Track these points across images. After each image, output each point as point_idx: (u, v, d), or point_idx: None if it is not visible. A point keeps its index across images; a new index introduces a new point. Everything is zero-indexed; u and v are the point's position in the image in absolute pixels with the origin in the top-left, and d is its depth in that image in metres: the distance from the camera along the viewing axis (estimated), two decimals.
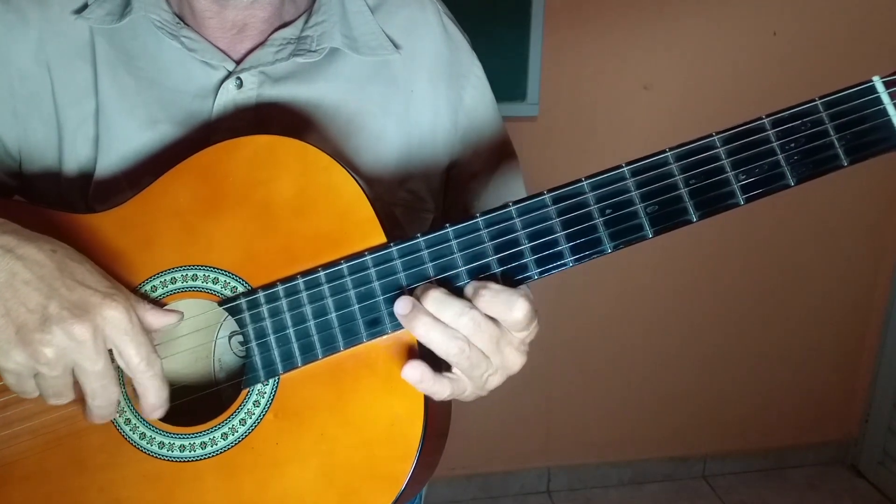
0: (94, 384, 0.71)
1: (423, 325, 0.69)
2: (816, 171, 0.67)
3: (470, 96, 0.99)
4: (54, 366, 0.70)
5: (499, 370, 0.72)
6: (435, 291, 0.69)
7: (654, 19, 2.33)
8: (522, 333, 0.71)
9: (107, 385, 0.72)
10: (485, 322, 0.68)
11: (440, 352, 0.69)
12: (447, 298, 0.69)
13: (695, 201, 0.68)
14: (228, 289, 0.77)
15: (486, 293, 0.68)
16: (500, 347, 0.70)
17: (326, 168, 0.76)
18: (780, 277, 2.68)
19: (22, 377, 0.72)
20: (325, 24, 0.91)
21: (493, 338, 0.69)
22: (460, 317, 0.68)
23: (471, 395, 0.74)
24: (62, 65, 0.89)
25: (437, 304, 0.68)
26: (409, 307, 0.69)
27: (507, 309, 0.68)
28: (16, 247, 0.71)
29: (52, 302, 0.69)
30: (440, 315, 0.68)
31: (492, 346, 0.70)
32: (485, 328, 0.68)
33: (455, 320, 0.68)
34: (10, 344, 0.69)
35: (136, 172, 0.88)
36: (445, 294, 0.69)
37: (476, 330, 0.68)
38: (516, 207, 0.70)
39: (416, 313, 0.69)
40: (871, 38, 2.44)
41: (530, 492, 2.80)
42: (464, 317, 0.68)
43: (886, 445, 2.81)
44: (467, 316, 0.68)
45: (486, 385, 0.73)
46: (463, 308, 0.68)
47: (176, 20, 0.89)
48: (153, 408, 0.74)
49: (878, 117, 0.66)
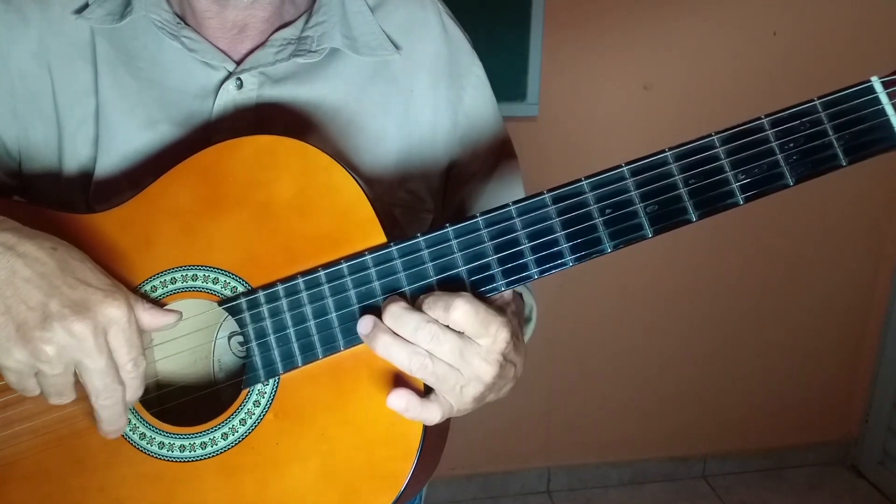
0: (96, 382, 0.71)
1: (382, 343, 0.69)
2: (815, 171, 0.67)
3: (470, 96, 0.98)
4: (55, 364, 0.70)
5: (471, 381, 0.70)
6: (393, 307, 0.69)
7: (654, 19, 2.33)
8: (484, 340, 0.69)
9: (109, 383, 0.72)
10: (444, 334, 0.67)
11: (404, 368, 0.69)
12: (404, 313, 0.68)
13: (694, 201, 0.68)
14: (228, 289, 0.77)
15: (427, 299, 0.68)
16: (466, 358, 0.68)
17: (327, 168, 0.76)
18: (779, 277, 2.68)
19: (23, 375, 0.72)
20: (326, 25, 0.91)
21: (456, 349, 0.68)
22: (417, 331, 0.67)
23: (461, 411, 0.73)
24: (63, 65, 0.89)
25: (394, 320, 0.68)
26: (370, 326, 0.70)
27: (446, 311, 0.67)
28: (16, 244, 0.71)
29: (52, 300, 0.69)
30: (399, 330, 0.68)
31: (455, 356, 0.68)
32: (444, 340, 0.67)
33: (413, 335, 0.68)
34: (11, 342, 0.69)
35: (136, 172, 0.88)
36: (403, 308, 0.68)
37: (434, 342, 0.67)
38: (516, 207, 0.70)
39: (376, 331, 0.69)
40: (871, 38, 2.44)
41: (530, 492, 2.80)
42: (420, 331, 0.67)
43: (886, 445, 2.81)
44: (424, 329, 0.67)
45: (464, 397, 0.71)
46: (419, 322, 0.67)
47: (176, 20, 0.89)
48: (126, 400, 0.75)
49: (876, 117, 0.66)
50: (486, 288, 0.71)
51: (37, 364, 0.70)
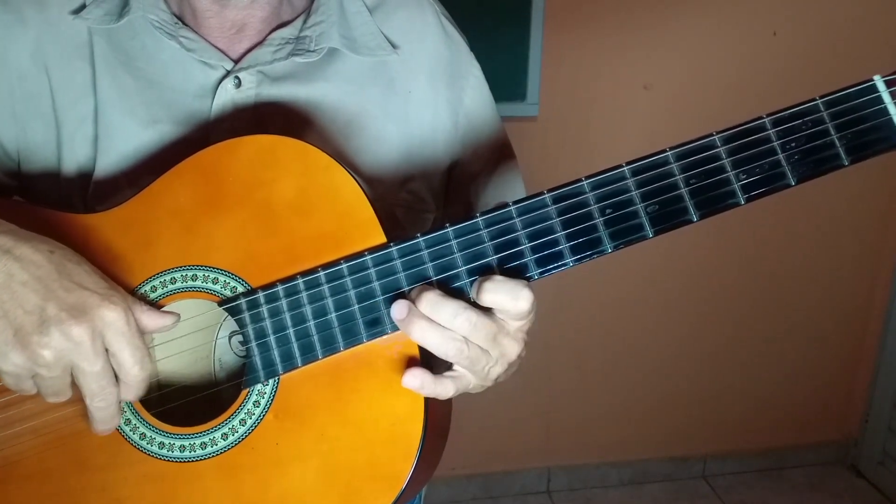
0: (92, 385, 0.71)
1: (419, 328, 0.69)
2: (817, 171, 0.67)
3: (470, 97, 0.99)
4: (53, 367, 0.70)
5: (498, 361, 0.72)
6: (430, 294, 0.69)
7: (654, 19, 2.33)
8: (520, 323, 0.71)
9: (105, 386, 0.72)
10: (480, 320, 0.69)
11: (439, 353, 0.69)
12: (442, 300, 0.69)
13: (695, 201, 0.68)
14: (228, 289, 0.77)
15: (490, 285, 0.68)
16: (497, 341, 0.70)
17: (327, 168, 0.76)
18: (779, 277, 2.68)
19: (21, 378, 0.72)
20: (324, 25, 0.91)
21: (491, 334, 0.69)
22: (455, 318, 0.68)
23: (476, 388, 0.74)
24: (60, 65, 0.89)
25: (431, 307, 0.69)
26: (404, 311, 0.70)
27: (512, 299, 0.68)
28: (13, 247, 0.71)
29: (49, 303, 0.69)
30: (435, 317, 0.68)
31: (489, 341, 0.70)
32: (481, 326, 0.69)
33: (450, 321, 0.68)
34: (9, 346, 0.69)
35: (135, 172, 0.88)
36: (440, 296, 0.69)
37: (472, 329, 0.68)
38: (516, 207, 0.70)
39: (412, 317, 0.69)
40: (872, 38, 2.44)
41: (530, 492, 2.80)
42: (459, 318, 0.68)
43: (886, 445, 2.81)
44: (462, 316, 0.68)
45: (488, 376, 0.73)
46: (458, 309, 0.68)
47: (174, 20, 0.89)
48: (123, 401, 0.75)
49: (878, 116, 0.66)
50: None
51: (34, 368, 0.70)
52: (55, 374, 0.71)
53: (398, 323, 0.70)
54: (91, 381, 0.71)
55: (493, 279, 0.68)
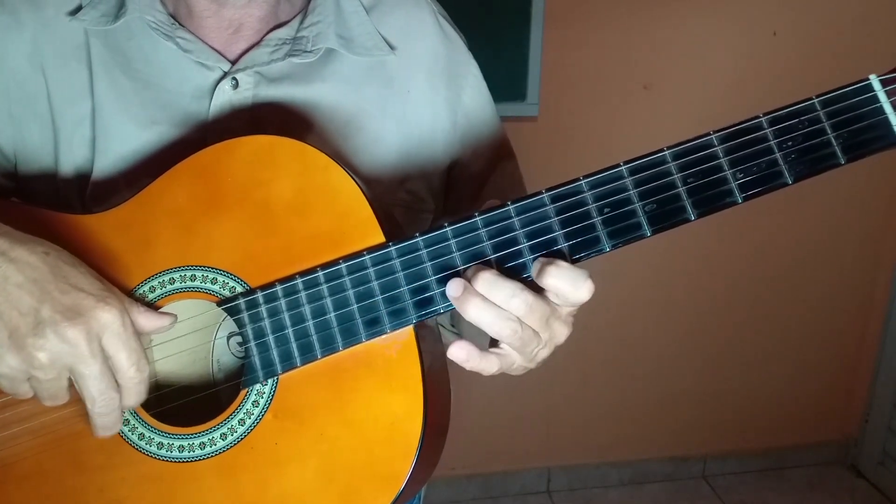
0: (91, 389, 0.71)
1: (474, 307, 0.68)
2: (814, 170, 0.67)
3: (468, 96, 0.98)
4: (48, 370, 0.70)
5: (547, 343, 0.72)
6: (486, 273, 0.68)
7: (654, 19, 2.33)
8: (572, 308, 0.71)
9: (104, 389, 0.71)
10: (536, 303, 0.68)
11: (492, 332, 0.69)
12: (498, 280, 0.68)
13: (693, 200, 0.68)
14: (227, 289, 0.77)
15: (555, 269, 0.67)
16: (549, 323, 0.70)
17: (325, 168, 0.76)
18: (779, 277, 2.68)
19: (16, 381, 0.72)
20: (321, 25, 0.91)
21: (544, 316, 0.69)
22: (512, 299, 0.67)
23: (519, 369, 0.74)
24: (57, 67, 0.89)
25: (488, 286, 0.68)
26: (460, 289, 0.69)
27: (574, 288, 0.67)
28: (8, 250, 0.71)
29: (44, 305, 0.69)
30: (492, 296, 0.68)
31: (542, 323, 0.69)
32: (536, 308, 0.68)
33: (506, 302, 0.67)
34: (4, 348, 0.69)
35: (133, 173, 0.88)
36: (496, 276, 0.68)
37: (528, 311, 0.68)
38: (515, 206, 0.70)
39: (468, 295, 0.68)
40: (871, 38, 2.44)
41: (530, 492, 2.80)
42: (515, 299, 0.67)
43: (886, 445, 2.80)
44: (519, 298, 0.67)
45: (535, 358, 0.73)
46: (515, 290, 0.67)
47: (171, 21, 0.89)
48: (126, 408, 0.75)
49: (874, 115, 0.66)
50: None
51: (30, 370, 0.70)
52: (51, 377, 0.70)
53: (453, 301, 0.70)
54: (90, 385, 0.71)
55: (559, 264, 0.67)
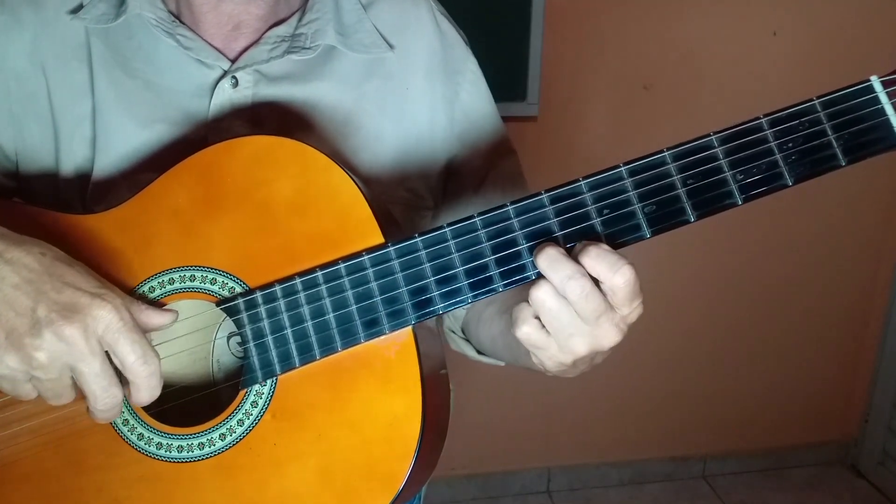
0: (93, 386, 0.70)
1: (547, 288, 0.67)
2: (814, 171, 0.67)
3: (466, 92, 0.98)
4: (49, 369, 0.69)
5: (591, 340, 0.68)
6: (551, 249, 0.67)
7: (654, 19, 2.33)
8: (626, 310, 0.67)
9: (107, 387, 0.71)
10: (594, 292, 0.66)
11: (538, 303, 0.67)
12: (561, 259, 0.66)
13: (693, 201, 0.68)
14: (226, 289, 0.77)
15: (593, 250, 0.66)
16: (600, 322, 0.67)
17: (325, 168, 0.76)
18: (779, 277, 2.68)
19: (17, 382, 0.71)
20: (319, 22, 0.91)
21: (598, 311, 0.67)
22: (570, 280, 0.66)
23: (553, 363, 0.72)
24: (58, 66, 0.89)
25: (549, 262, 0.66)
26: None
27: (611, 272, 0.65)
28: (4, 251, 0.71)
29: (40, 305, 0.69)
30: (550, 274, 0.66)
31: (593, 317, 0.67)
32: (592, 298, 0.66)
33: (563, 283, 0.66)
34: (2, 349, 0.69)
35: (133, 172, 0.88)
36: (561, 253, 0.67)
37: (583, 297, 0.66)
38: (514, 207, 0.70)
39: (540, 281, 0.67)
40: (871, 38, 2.43)
41: (530, 492, 2.80)
42: (573, 281, 0.65)
43: (886, 445, 2.80)
44: (578, 281, 0.65)
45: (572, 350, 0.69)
46: (574, 272, 0.66)
47: (171, 18, 0.89)
48: (140, 404, 0.74)
49: (875, 117, 0.65)
50: (484, 289, 0.71)
51: (30, 371, 0.70)
52: (52, 377, 0.70)
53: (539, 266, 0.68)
54: (91, 382, 0.70)
55: (599, 247, 0.66)
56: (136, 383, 0.72)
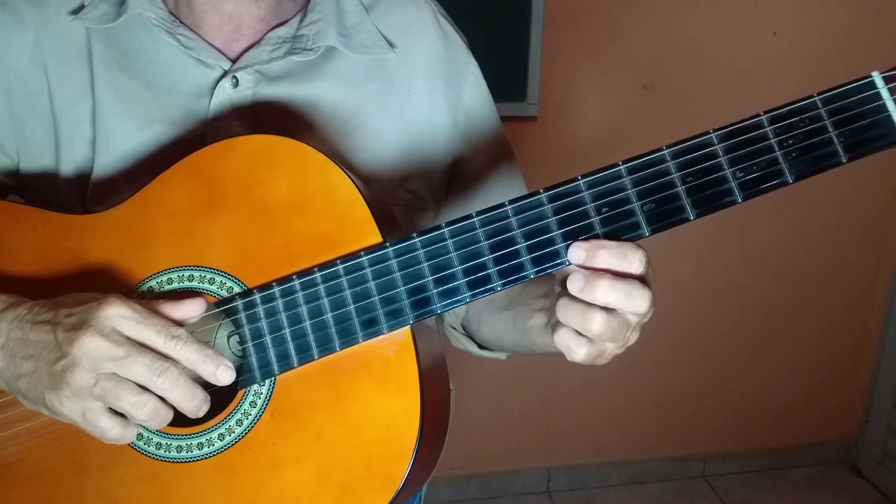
0: (140, 374, 0.69)
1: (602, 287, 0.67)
2: (815, 168, 0.66)
3: (468, 94, 0.98)
4: (97, 386, 0.69)
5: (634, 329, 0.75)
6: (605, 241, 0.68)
7: (654, 19, 2.33)
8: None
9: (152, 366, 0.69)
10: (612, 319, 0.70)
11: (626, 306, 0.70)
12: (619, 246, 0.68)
13: (692, 199, 0.67)
14: (225, 289, 0.77)
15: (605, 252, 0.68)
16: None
17: (323, 168, 0.76)
18: (779, 277, 2.68)
19: (88, 412, 0.71)
20: (321, 23, 0.91)
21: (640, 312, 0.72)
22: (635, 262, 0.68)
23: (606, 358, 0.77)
24: (58, 66, 0.89)
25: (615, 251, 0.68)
26: (581, 283, 0.68)
27: (625, 261, 0.67)
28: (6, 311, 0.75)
29: (58, 332, 0.70)
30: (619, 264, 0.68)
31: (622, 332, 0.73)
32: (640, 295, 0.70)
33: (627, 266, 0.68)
34: (54, 385, 0.70)
35: (133, 172, 0.88)
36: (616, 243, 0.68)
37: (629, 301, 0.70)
38: (512, 207, 0.70)
39: (594, 280, 0.67)
40: (872, 38, 2.43)
41: (530, 492, 2.80)
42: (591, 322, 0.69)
43: (886, 445, 2.80)
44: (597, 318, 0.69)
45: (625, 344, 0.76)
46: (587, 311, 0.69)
47: (171, 18, 0.89)
48: (217, 370, 0.72)
49: (877, 113, 0.65)
50: (482, 288, 0.71)
51: (93, 392, 0.70)
52: (112, 385, 0.69)
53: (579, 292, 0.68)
54: (137, 369, 0.69)
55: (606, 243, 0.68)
56: (183, 359, 0.71)
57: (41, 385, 0.71)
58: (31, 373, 0.72)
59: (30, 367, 0.72)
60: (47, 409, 0.72)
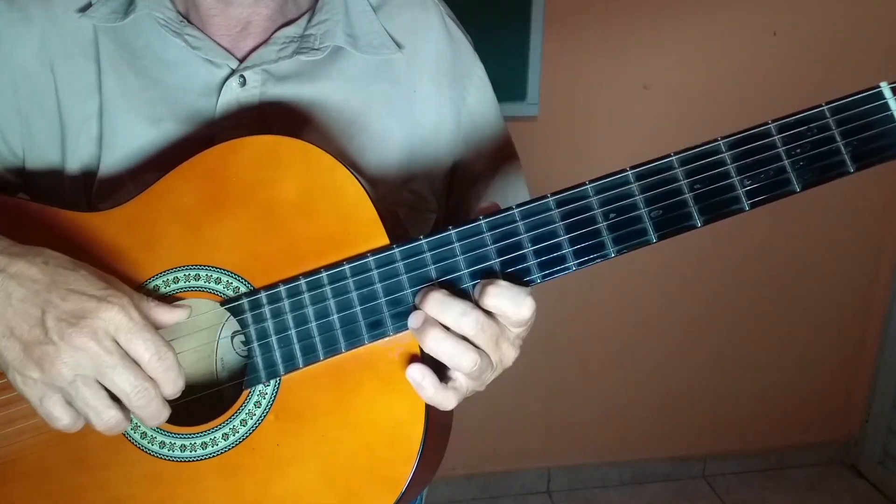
0: (120, 385, 0.69)
1: (433, 338, 0.68)
2: (822, 178, 0.66)
3: (473, 97, 0.99)
4: (74, 381, 0.69)
5: (497, 367, 0.72)
6: (436, 293, 0.69)
7: (654, 19, 2.33)
8: (519, 329, 0.71)
9: (134, 382, 0.70)
10: (487, 321, 0.68)
11: (452, 363, 0.69)
12: (449, 299, 0.68)
13: (699, 206, 0.67)
14: (231, 289, 0.77)
15: (494, 289, 0.68)
16: (499, 345, 0.70)
17: (330, 169, 0.76)
18: (779, 277, 2.68)
19: (46, 398, 0.71)
20: (329, 23, 0.91)
21: (494, 336, 0.69)
22: (463, 316, 0.68)
23: (469, 394, 0.74)
24: (65, 63, 0.89)
25: (439, 306, 0.68)
26: (420, 321, 0.69)
27: (515, 306, 0.68)
28: (7, 265, 0.71)
29: (48, 315, 0.69)
30: (443, 317, 0.68)
31: (492, 344, 0.70)
32: (487, 327, 0.68)
33: (457, 320, 0.68)
34: (22, 363, 0.69)
35: (139, 171, 0.88)
36: (447, 295, 0.69)
37: (479, 330, 0.68)
38: (520, 210, 0.70)
39: (426, 326, 0.69)
40: (871, 39, 2.43)
41: (530, 492, 2.80)
42: (467, 317, 0.68)
43: (886, 445, 2.81)
44: (471, 316, 0.68)
45: (484, 383, 0.73)
46: (465, 308, 0.68)
47: (179, 18, 0.89)
48: (169, 398, 0.73)
49: (885, 123, 0.65)
50: None
51: (54, 384, 0.69)
52: (88, 390, 0.69)
53: (414, 332, 0.70)
54: (117, 383, 0.69)
55: (498, 283, 0.68)
56: (156, 377, 0.71)
57: (8, 356, 0.70)
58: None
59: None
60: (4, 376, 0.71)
